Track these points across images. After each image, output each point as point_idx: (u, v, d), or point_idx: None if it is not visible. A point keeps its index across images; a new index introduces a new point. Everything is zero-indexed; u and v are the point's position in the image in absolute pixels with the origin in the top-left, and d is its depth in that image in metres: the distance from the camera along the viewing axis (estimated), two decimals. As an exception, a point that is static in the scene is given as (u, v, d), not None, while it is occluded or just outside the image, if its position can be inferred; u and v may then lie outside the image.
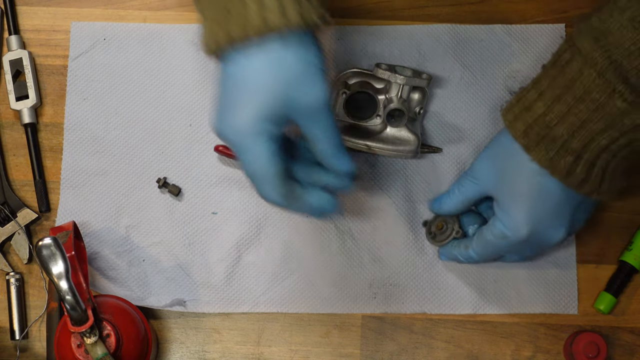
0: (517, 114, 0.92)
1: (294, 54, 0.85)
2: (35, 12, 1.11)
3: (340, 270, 1.05)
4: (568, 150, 0.89)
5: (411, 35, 1.10)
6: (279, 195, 0.88)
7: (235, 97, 0.86)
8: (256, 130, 0.85)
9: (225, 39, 0.84)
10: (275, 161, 0.87)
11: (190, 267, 1.05)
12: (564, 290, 1.05)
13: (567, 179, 0.90)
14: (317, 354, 1.04)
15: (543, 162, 0.90)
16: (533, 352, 1.04)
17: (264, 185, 0.88)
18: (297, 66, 0.85)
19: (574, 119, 0.88)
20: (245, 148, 0.86)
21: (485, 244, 0.98)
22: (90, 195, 1.07)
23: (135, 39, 1.10)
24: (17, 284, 1.04)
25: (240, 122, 0.86)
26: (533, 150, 0.91)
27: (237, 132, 0.86)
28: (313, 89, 0.86)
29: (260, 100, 0.85)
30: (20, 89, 1.08)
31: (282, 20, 0.83)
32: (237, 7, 0.83)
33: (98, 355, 0.91)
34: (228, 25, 0.84)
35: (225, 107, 0.87)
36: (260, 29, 0.83)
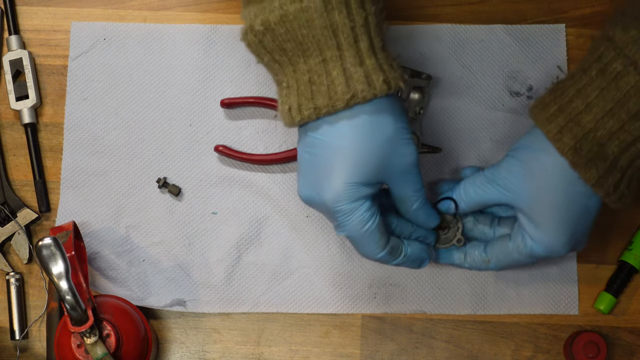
0: (563, 126, 0.87)
1: (384, 118, 0.86)
2: (35, 12, 1.11)
3: (340, 270, 1.05)
4: (616, 168, 0.87)
5: (411, 35, 1.09)
6: (382, 251, 0.90)
7: (330, 164, 0.86)
8: (354, 196, 0.86)
9: (312, 111, 0.85)
10: (374, 220, 0.88)
11: (190, 267, 1.05)
12: (564, 291, 1.05)
13: (609, 197, 0.88)
14: (317, 354, 1.04)
15: (591, 180, 0.87)
16: (533, 352, 1.04)
17: (367, 244, 0.89)
18: (387, 130, 0.86)
19: (627, 136, 0.85)
20: (344, 213, 0.87)
21: (509, 261, 0.95)
22: (90, 195, 1.07)
23: (135, 39, 1.10)
24: (17, 284, 1.04)
25: (336, 188, 0.86)
26: (582, 168, 0.87)
27: (334, 199, 0.87)
28: (404, 151, 0.87)
29: (355, 165, 0.86)
30: (20, 89, 1.08)
31: (369, 89, 0.84)
32: (322, 80, 0.84)
33: (98, 355, 0.91)
34: (314, 97, 0.84)
35: (318, 174, 0.87)
36: (348, 100, 0.84)
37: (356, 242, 0.90)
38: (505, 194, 0.93)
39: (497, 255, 0.95)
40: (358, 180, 0.86)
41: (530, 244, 0.92)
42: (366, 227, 0.88)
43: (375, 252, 0.90)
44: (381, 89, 0.84)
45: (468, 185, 0.96)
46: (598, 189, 0.87)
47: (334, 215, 0.88)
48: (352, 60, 0.84)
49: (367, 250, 0.90)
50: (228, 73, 1.09)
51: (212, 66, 1.09)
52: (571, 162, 0.87)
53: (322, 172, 0.87)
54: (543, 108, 0.89)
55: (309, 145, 0.88)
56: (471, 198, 0.95)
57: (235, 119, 1.08)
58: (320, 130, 0.86)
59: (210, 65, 1.09)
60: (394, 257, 0.91)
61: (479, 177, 0.95)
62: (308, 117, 0.85)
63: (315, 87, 0.85)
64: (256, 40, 0.86)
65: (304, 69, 0.85)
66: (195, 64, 1.09)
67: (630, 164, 0.87)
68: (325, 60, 0.84)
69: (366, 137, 0.85)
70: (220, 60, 1.09)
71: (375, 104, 0.85)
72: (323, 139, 0.86)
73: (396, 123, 0.87)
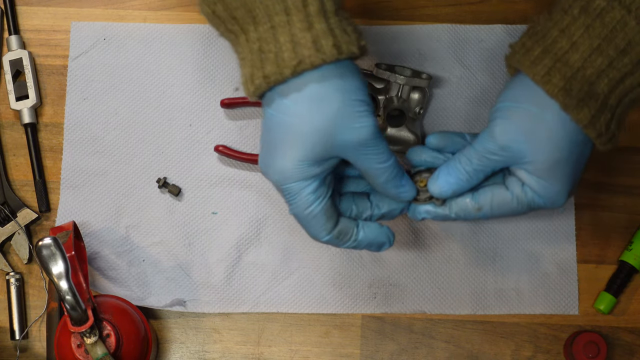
0: (551, 67, 0.83)
1: (332, 88, 0.82)
2: (35, 12, 1.11)
3: (340, 270, 1.05)
4: (607, 107, 0.83)
5: (411, 35, 1.09)
6: (328, 235, 0.86)
7: (277, 141, 0.83)
8: (300, 175, 0.83)
9: (262, 80, 0.81)
10: (321, 201, 0.85)
11: (190, 267, 1.05)
12: (564, 291, 1.05)
13: (601, 137, 0.84)
14: (317, 354, 1.04)
15: (584, 121, 0.83)
16: (533, 352, 1.04)
17: (312, 226, 0.86)
18: (336, 101, 0.82)
19: (616, 73, 0.82)
20: (289, 192, 0.84)
21: (505, 210, 0.88)
22: (90, 195, 1.07)
23: (136, 39, 1.10)
24: (17, 284, 1.04)
25: (283, 166, 0.83)
26: (574, 110, 0.82)
27: (282, 177, 0.84)
28: (356, 124, 0.82)
29: (303, 143, 0.82)
30: (20, 89, 1.08)
31: (317, 55, 0.80)
32: (271, 47, 0.81)
33: (98, 355, 0.91)
34: (263, 65, 0.81)
35: (269, 151, 0.84)
36: (295, 66, 0.80)
37: (301, 223, 0.86)
38: (505, 160, 0.86)
39: (490, 202, 0.88)
40: (303, 159, 0.82)
41: (530, 194, 0.87)
42: (309, 210, 0.84)
43: (320, 235, 0.86)
44: (331, 54, 0.80)
45: (460, 165, 0.88)
46: (590, 129, 0.83)
47: (282, 193, 0.85)
48: (300, 25, 0.80)
49: (312, 232, 0.86)
50: (228, 73, 1.09)
51: (212, 66, 1.09)
52: (562, 104, 0.82)
53: (271, 150, 0.84)
54: (526, 52, 0.85)
55: (265, 119, 0.85)
56: (470, 179, 0.88)
57: (235, 119, 1.08)
58: (273, 104, 0.83)
59: (210, 65, 1.09)
60: (342, 242, 0.87)
61: (472, 152, 0.87)
62: (259, 86, 0.81)
63: (264, 55, 0.81)
64: (209, 11, 0.84)
65: (254, 37, 0.82)
66: (195, 64, 1.09)
67: (619, 103, 0.84)
68: (273, 26, 0.81)
69: (310, 112, 0.81)
70: (220, 60, 1.09)
71: (324, 71, 0.81)
72: (273, 113, 0.83)
73: (345, 94, 0.82)
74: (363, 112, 0.83)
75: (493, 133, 0.86)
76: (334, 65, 0.81)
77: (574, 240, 1.06)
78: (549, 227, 1.06)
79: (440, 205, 0.89)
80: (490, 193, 0.88)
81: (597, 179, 1.07)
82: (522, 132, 0.85)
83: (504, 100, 0.86)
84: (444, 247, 1.05)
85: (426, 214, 0.90)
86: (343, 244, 0.88)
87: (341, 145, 0.83)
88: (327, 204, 0.85)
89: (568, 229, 1.06)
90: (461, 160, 0.88)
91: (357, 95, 0.83)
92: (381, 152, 0.84)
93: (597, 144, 0.85)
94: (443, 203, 0.89)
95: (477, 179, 0.87)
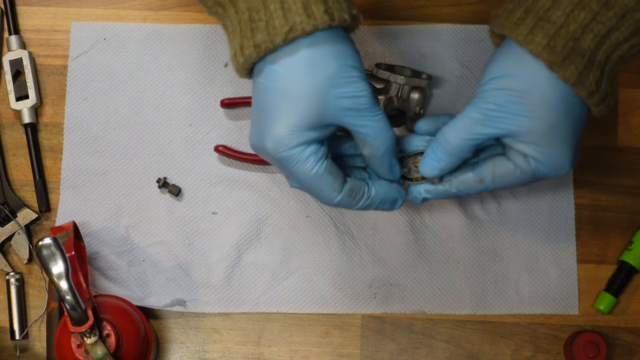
0: (533, 26, 0.81)
1: (325, 54, 0.81)
2: (35, 12, 1.11)
3: (340, 270, 1.05)
4: (595, 64, 0.81)
5: (411, 35, 1.10)
6: (339, 194, 0.84)
7: (270, 109, 0.82)
8: (297, 141, 0.82)
9: (253, 49, 0.80)
10: (324, 161, 0.83)
11: (190, 267, 1.05)
12: (564, 290, 1.05)
13: (592, 96, 0.82)
14: (317, 354, 1.04)
15: (571, 79, 0.80)
16: (533, 352, 1.04)
17: (321, 190, 0.84)
18: (328, 67, 0.81)
19: (600, 27, 0.80)
20: (287, 160, 0.83)
21: (509, 180, 0.86)
22: (90, 195, 1.07)
23: (135, 39, 1.10)
24: (17, 284, 1.04)
25: (278, 133, 0.81)
26: (560, 67, 0.80)
27: (278, 144, 0.82)
28: (349, 90, 0.82)
29: (297, 108, 0.81)
30: (20, 89, 1.08)
31: (308, 21, 0.79)
32: (261, 15, 0.80)
33: (98, 355, 0.91)
34: (254, 35, 0.80)
35: (261, 121, 0.83)
36: (286, 33, 0.79)
37: (310, 190, 0.84)
38: (499, 131, 0.84)
39: (492, 174, 0.87)
40: (297, 125, 0.81)
41: (534, 163, 0.84)
42: (314, 171, 0.83)
43: (332, 196, 0.84)
44: (322, 20, 0.79)
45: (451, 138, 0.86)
46: (580, 88, 0.81)
47: (279, 164, 0.83)
48: None
49: (323, 195, 0.84)
50: (228, 73, 1.09)
51: (212, 66, 1.09)
52: (547, 62, 0.80)
53: (263, 119, 0.82)
54: (508, 16, 0.84)
55: (254, 91, 0.84)
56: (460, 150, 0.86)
57: (235, 119, 1.08)
58: (263, 73, 0.82)
59: (210, 65, 1.09)
60: (355, 200, 0.86)
61: (461, 124, 0.86)
62: (250, 56, 0.80)
63: (255, 24, 0.80)
64: None
65: (243, 7, 0.81)
66: (195, 64, 1.09)
67: (607, 60, 0.81)
68: None
69: (302, 77, 0.80)
70: (220, 60, 1.09)
71: (315, 37, 0.80)
72: (263, 82, 0.82)
73: (338, 59, 0.81)
74: (356, 77, 0.82)
75: (484, 105, 0.84)
76: (326, 32, 0.81)
77: (574, 240, 1.06)
78: (549, 227, 1.06)
79: (439, 183, 0.88)
80: (491, 165, 0.87)
81: (597, 179, 1.07)
82: (516, 100, 0.83)
83: (492, 73, 0.84)
84: (444, 247, 1.05)
85: (427, 194, 0.89)
86: (356, 203, 0.86)
87: (336, 111, 0.82)
88: (330, 163, 0.84)
89: (568, 229, 1.06)
90: (445, 137, 0.86)
91: (350, 61, 0.82)
92: (378, 119, 0.84)
93: (589, 105, 0.83)
94: (441, 180, 0.88)
95: (467, 154, 0.86)
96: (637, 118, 1.08)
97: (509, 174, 0.86)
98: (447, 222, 1.06)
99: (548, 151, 0.84)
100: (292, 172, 0.84)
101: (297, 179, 0.84)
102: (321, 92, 0.81)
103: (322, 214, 1.06)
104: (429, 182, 0.88)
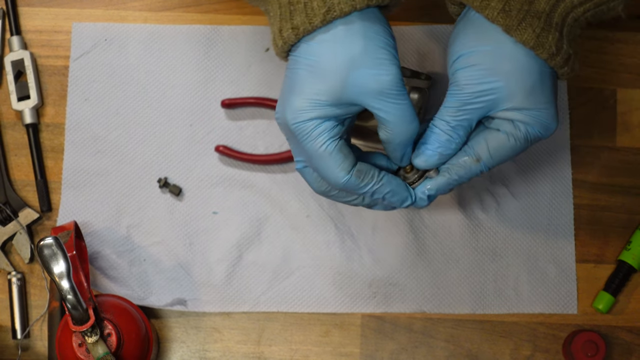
0: None
1: (357, 31, 0.80)
2: (36, 12, 1.11)
3: (340, 270, 1.05)
4: (552, 26, 0.81)
5: (411, 36, 1.10)
6: (347, 174, 0.82)
7: (297, 80, 0.81)
8: (314, 113, 0.81)
9: (291, 32, 0.80)
10: (338, 140, 0.82)
11: (190, 267, 1.05)
12: (563, 290, 1.05)
13: (554, 58, 0.82)
14: (317, 353, 1.05)
15: (530, 42, 0.81)
16: (532, 352, 1.04)
17: (328, 167, 0.82)
18: (358, 45, 0.80)
19: None
20: (303, 131, 0.81)
21: (505, 152, 0.85)
22: (91, 195, 1.07)
23: (136, 40, 1.10)
24: (19, 283, 1.05)
25: (298, 103, 0.81)
26: (517, 30, 0.80)
27: (295, 114, 0.81)
28: (376, 71, 0.80)
29: (321, 80, 0.80)
30: (22, 89, 1.08)
31: (347, 1, 0.79)
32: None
33: (99, 355, 0.92)
34: (292, 17, 0.80)
35: (286, 92, 0.82)
36: (324, 14, 0.79)
37: (316, 166, 0.83)
38: (484, 107, 0.84)
39: (487, 149, 0.85)
40: (316, 97, 0.80)
41: (523, 127, 0.84)
42: (324, 147, 0.81)
43: (339, 175, 0.82)
44: (360, 1, 0.79)
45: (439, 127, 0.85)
46: (540, 50, 0.81)
47: (293, 137, 0.82)
48: None
49: (330, 174, 0.82)
50: (228, 74, 1.09)
51: (213, 67, 1.09)
52: (504, 27, 0.80)
53: (288, 90, 0.82)
54: None
55: (287, 66, 0.83)
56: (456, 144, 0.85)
57: (236, 119, 1.09)
58: (298, 49, 0.82)
59: (211, 66, 1.09)
60: (363, 182, 0.83)
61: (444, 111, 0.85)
62: (288, 39, 0.81)
63: (294, 6, 0.80)
64: None
65: None
66: (196, 65, 1.09)
67: (563, 22, 0.81)
68: None
69: (329, 52, 0.80)
70: (220, 60, 1.09)
71: (352, 20, 0.80)
72: (296, 56, 0.82)
73: (367, 39, 0.80)
74: (385, 60, 0.81)
75: (459, 84, 0.83)
76: (362, 13, 0.80)
77: (572, 240, 1.06)
78: (548, 226, 1.06)
79: (435, 176, 0.86)
80: (484, 141, 0.85)
81: (596, 179, 1.07)
82: (488, 72, 0.82)
83: (457, 52, 0.84)
84: (443, 246, 1.06)
85: (429, 191, 0.86)
86: (365, 185, 0.83)
87: (359, 90, 0.81)
88: (344, 143, 0.83)
89: (567, 229, 1.06)
90: (436, 124, 0.85)
91: (381, 42, 0.81)
92: (401, 107, 0.82)
93: (553, 68, 0.83)
94: (437, 172, 0.86)
95: (459, 136, 0.85)
96: (636, 118, 1.08)
97: (503, 144, 0.85)
98: (447, 222, 1.06)
99: (535, 112, 0.83)
100: (303, 144, 0.82)
101: (307, 153, 0.83)
102: (345, 69, 0.80)
103: (322, 214, 1.06)
104: (427, 179, 0.86)
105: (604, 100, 1.09)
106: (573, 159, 1.07)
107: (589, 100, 1.08)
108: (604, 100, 1.09)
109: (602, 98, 1.09)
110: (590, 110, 1.08)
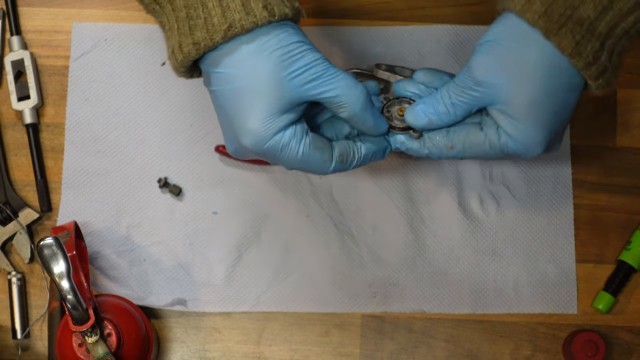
0: None
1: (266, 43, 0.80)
2: (36, 12, 1.11)
3: (340, 269, 1.05)
4: (594, 34, 0.78)
5: (411, 36, 1.10)
6: (332, 164, 0.84)
7: (236, 111, 0.81)
8: (274, 130, 0.81)
9: (191, 47, 0.80)
10: (305, 139, 0.83)
11: (190, 267, 1.05)
12: (563, 290, 1.05)
13: (589, 68, 0.79)
14: (317, 353, 1.05)
15: (568, 48, 0.78)
16: (532, 351, 1.04)
17: (312, 165, 0.84)
18: (274, 52, 0.80)
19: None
20: (274, 149, 0.82)
21: (477, 152, 0.86)
22: (91, 195, 1.07)
23: (137, 40, 1.10)
24: (19, 283, 1.05)
25: (253, 130, 0.81)
26: (556, 35, 0.78)
27: (257, 139, 0.81)
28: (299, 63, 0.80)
29: (261, 100, 0.80)
30: (22, 89, 1.08)
31: (247, 18, 0.78)
32: (199, 12, 0.79)
33: (99, 355, 0.92)
34: (192, 32, 0.79)
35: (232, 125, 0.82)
36: (225, 31, 0.78)
37: (302, 169, 0.84)
38: (483, 97, 0.83)
39: (463, 142, 0.86)
40: (266, 115, 0.80)
41: (504, 138, 0.83)
42: (300, 153, 0.82)
43: (325, 167, 0.84)
44: (262, 17, 0.78)
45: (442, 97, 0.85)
46: (576, 58, 0.78)
47: (267, 157, 0.83)
48: None
49: (317, 170, 0.84)
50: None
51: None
52: (544, 30, 0.78)
53: (232, 122, 0.82)
54: None
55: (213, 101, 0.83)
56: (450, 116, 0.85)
57: (236, 119, 1.08)
58: (213, 80, 0.81)
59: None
60: (348, 163, 0.85)
61: (451, 85, 0.85)
62: (188, 54, 0.80)
63: (193, 21, 0.79)
64: None
65: (180, 4, 0.80)
66: (196, 65, 1.09)
67: (610, 32, 0.78)
68: None
69: (253, 70, 0.79)
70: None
71: (257, 33, 0.79)
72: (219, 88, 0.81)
73: (281, 42, 0.80)
74: (304, 51, 0.81)
75: (470, 67, 0.83)
76: (266, 28, 0.80)
77: (572, 240, 1.06)
78: (548, 226, 1.06)
79: (416, 139, 0.88)
80: (464, 132, 0.86)
81: (596, 178, 1.07)
82: (500, 66, 0.82)
83: (485, 37, 0.83)
84: (443, 246, 1.06)
85: (400, 145, 0.88)
86: (350, 165, 0.86)
87: (297, 89, 0.81)
88: (313, 137, 0.84)
89: (567, 229, 1.06)
90: (441, 93, 0.85)
91: (293, 39, 0.81)
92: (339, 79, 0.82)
93: (587, 79, 0.80)
94: (419, 137, 0.88)
95: (455, 114, 0.85)
96: (636, 118, 1.08)
97: (478, 144, 0.85)
98: (447, 222, 1.06)
99: (522, 127, 0.82)
100: (280, 160, 0.83)
101: (287, 164, 0.84)
102: (276, 78, 0.80)
103: (322, 214, 1.06)
104: (407, 134, 0.88)
105: (604, 100, 1.09)
106: (573, 159, 1.07)
107: (589, 100, 1.08)
108: (604, 100, 1.09)
109: (602, 98, 1.09)
110: (590, 110, 1.08)
